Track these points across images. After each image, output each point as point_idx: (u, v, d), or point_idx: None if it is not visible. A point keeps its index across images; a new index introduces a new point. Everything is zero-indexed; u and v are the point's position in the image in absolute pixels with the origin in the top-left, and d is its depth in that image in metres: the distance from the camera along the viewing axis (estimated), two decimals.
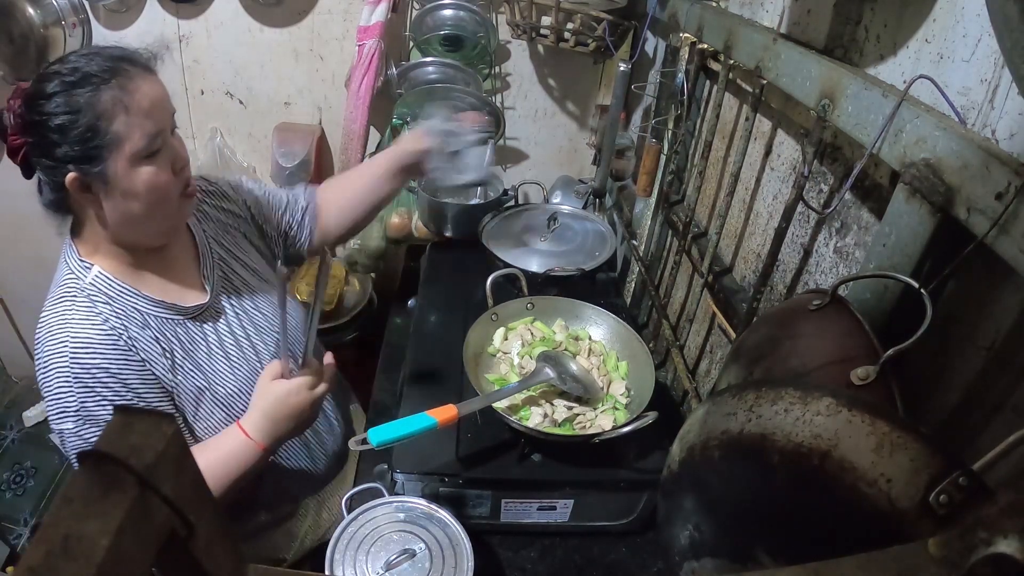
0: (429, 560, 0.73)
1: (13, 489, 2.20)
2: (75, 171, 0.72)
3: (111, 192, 0.75)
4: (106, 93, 0.71)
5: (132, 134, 0.72)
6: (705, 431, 0.52)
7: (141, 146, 0.73)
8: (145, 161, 0.75)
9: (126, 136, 0.72)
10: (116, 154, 0.72)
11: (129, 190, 0.75)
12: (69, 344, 0.75)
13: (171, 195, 0.79)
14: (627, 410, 0.94)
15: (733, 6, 1.11)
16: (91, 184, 0.74)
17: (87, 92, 0.71)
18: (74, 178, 0.72)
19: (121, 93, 0.72)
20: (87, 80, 0.71)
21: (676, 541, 0.57)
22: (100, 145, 0.71)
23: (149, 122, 0.74)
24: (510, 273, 1.14)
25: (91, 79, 0.71)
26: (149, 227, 0.80)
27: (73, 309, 0.77)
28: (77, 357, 0.75)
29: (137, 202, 0.76)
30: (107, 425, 0.27)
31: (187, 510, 0.27)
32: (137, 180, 0.75)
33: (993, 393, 0.54)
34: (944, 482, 0.36)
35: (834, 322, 0.57)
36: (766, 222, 0.97)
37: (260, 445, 0.80)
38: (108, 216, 0.76)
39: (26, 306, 2.38)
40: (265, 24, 1.75)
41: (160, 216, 0.79)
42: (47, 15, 1.65)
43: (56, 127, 0.70)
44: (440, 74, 1.70)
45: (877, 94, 0.61)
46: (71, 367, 0.75)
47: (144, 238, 0.81)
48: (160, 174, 0.76)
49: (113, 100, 0.71)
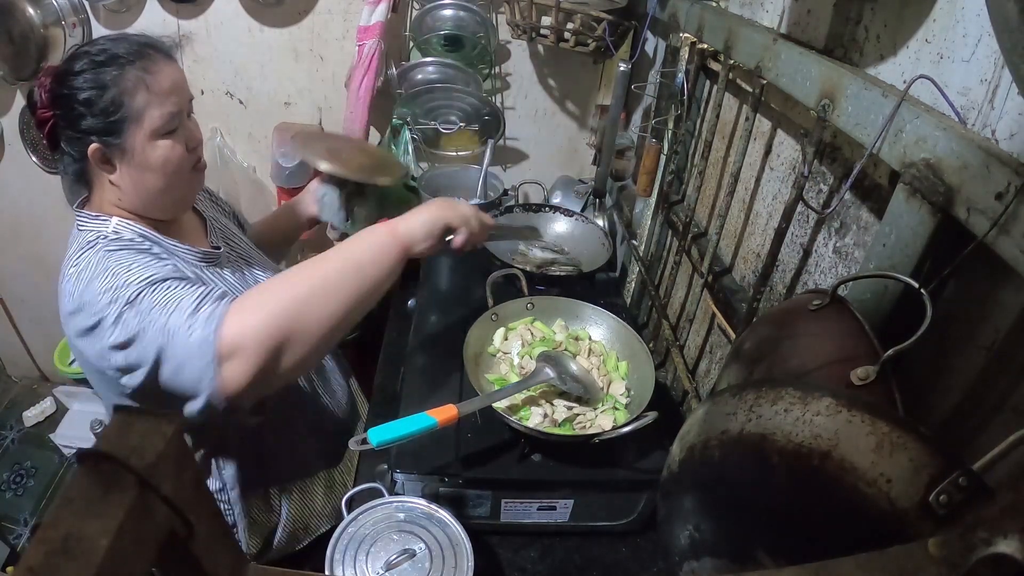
0: (429, 560, 0.73)
1: (13, 489, 2.20)
2: (98, 142, 0.78)
3: (129, 164, 0.81)
4: (130, 72, 0.78)
5: (152, 111, 0.79)
6: (705, 431, 0.52)
7: (159, 124, 0.80)
8: (162, 137, 0.81)
9: (146, 113, 0.79)
10: (136, 128, 0.79)
11: (146, 163, 0.81)
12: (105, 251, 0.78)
13: (184, 169, 0.85)
14: (627, 410, 0.94)
15: (733, 6, 1.11)
16: (111, 156, 0.80)
17: (113, 70, 0.77)
18: (96, 149, 0.79)
19: (144, 74, 0.78)
20: (114, 60, 0.77)
21: (676, 541, 0.57)
22: (122, 119, 0.78)
23: (168, 102, 0.80)
24: (510, 273, 1.14)
25: (118, 59, 0.77)
26: (163, 199, 0.85)
27: (101, 243, 0.80)
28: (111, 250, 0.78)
29: (153, 174, 0.82)
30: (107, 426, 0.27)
31: (187, 510, 0.27)
32: (154, 154, 0.81)
33: (993, 393, 0.54)
34: (944, 482, 0.37)
35: (834, 322, 0.57)
36: (766, 222, 0.97)
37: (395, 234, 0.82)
38: (125, 187, 0.82)
39: (26, 306, 2.38)
40: (265, 24, 1.75)
41: (173, 188, 0.85)
42: (47, 15, 1.65)
43: (83, 100, 0.77)
44: (440, 74, 1.70)
45: (877, 94, 0.61)
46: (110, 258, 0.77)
47: (158, 210, 0.87)
48: (176, 148, 0.83)
49: (136, 79, 0.78)
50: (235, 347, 0.71)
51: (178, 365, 0.72)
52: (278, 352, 0.72)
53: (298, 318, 0.73)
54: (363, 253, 0.81)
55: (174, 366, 0.72)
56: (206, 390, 0.72)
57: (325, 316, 0.75)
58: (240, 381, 0.72)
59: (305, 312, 0.74)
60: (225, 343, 0.71)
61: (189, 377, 0.72)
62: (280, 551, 1.05)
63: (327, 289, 0.76)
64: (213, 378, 0.71)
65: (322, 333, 0.75)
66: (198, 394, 0.73)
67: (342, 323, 0.77)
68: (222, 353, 0.71)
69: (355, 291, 0.77)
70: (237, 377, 0.72)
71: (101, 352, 0.74)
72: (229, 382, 0.72)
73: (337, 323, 0.76)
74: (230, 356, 0.71)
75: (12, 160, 1.99)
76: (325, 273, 0.77)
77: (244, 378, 0.72)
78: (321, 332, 0.75)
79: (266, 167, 1.92)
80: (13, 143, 1.96)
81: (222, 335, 0.71)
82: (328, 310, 0.75)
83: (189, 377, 0.72)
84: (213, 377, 0.71)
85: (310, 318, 0.74)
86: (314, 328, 0.74)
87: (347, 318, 0.78)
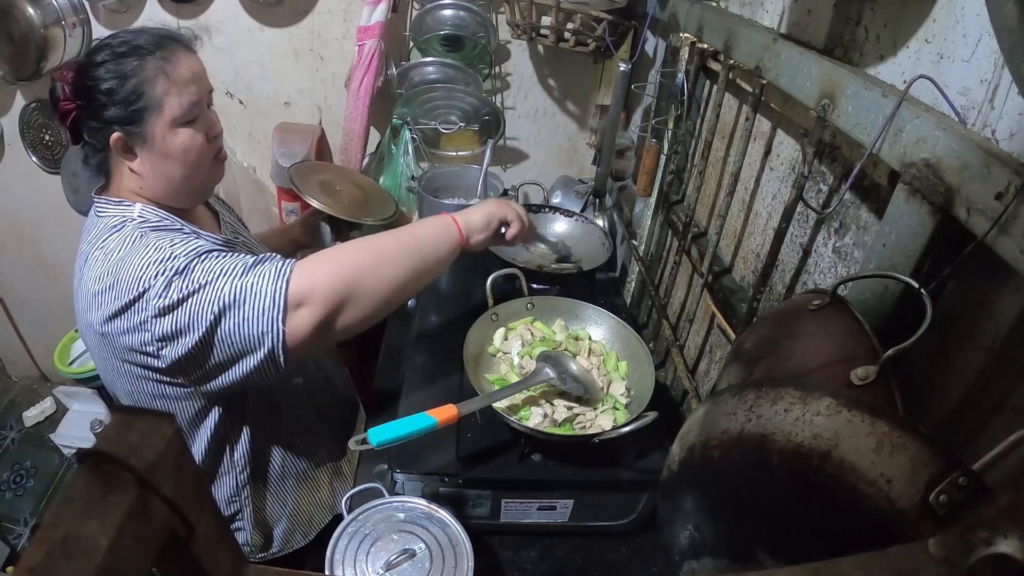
0: (429, 560, 0.73)
1: (13, 489, 2.20)
2: (119, 131, 0.80)
3: (151, 152, 0.82)
4: (151, 62, 0.80)
5: (172, 100, 0.81)
6: (705, 431, 0.52)
7: (179, 113, 0.82)
8: (183, 126, 0.83)
9: (166, 101, 0.81)
10: (157, 117, 0.81)
11: (167, 151, 0.83)
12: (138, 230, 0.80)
13: (205, 158, 0.87)
14: (627, 410, 0.94)
15: (733, 6, 1.11)
16: (133, 144, 0.82)
17: (134, 60, 0.79)
18: (118, 138, 0.80)
19: (164, 64, 0.80)
20: (135, 51, 0.79)
21: (676, 541, 0.57)
22: (143, 107, 0.80)
23: (188, 91, 0.82)
24: (510, 273, 1.14)
25: (138, 50, 0.80)
26: (184, 186, 0.87)
27: (128, 225, 0.81)
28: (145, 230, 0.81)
29: (174, 162, 0.84)
30: (107, 426, 0.27)
31: (187, 510, 0.27)
32: (175, 141, 0.83)
33: (993, 393, 0.54)
34: (944, 482, 0.37)
35: (834, 322, 0.57)
36: (765, 222, 0.97)
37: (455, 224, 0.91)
38: (146, 175, 0.84)
39: (26, 306, 2.38)
40: (265, 24, 1.75)
41: (194, 176, 0.87)
42: (47, 15, 1.65)
43: (105, 91, 0.79)
44: (440, 74, 1.70)
45: (877, 94, 0.61)
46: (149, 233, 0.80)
47: (178, 198, 0.88)
48: (196, 137, 0.85)
49: (156, 68, 0.80)
50: (305, 296, 0.76)
51: (244, 317, 0.75)
52: (340, 306, 0.79)
53: (361, 279, 0.80)
54: (425, 234, 0.89)
55: (239, 320, 0.75)
56: (270, 340, 0.76)
57: (384, 282, 0.82)
58: (305, 330, 0.77)
59: (368, 274, 0.81)
60: (295, 292, 0.76)
61: (255, 328, 0.75)
62: (283, 545, 1.06)
63: (390, 257, 0.84)
64: (281, 327, 0.75)
65: (379, 297, 0.82)
66: (260, 346, 0.76)
67: (398, 292, 0.84)
68: (292, 301, 0.76)
69: (412, 266, 0.85)
70: (303, 326, 0.77)
71: (139, 324, 0.75)
72: (294, 331, 0.76)
73: (394, 291, 0.83)
74: (299, 305, 0.76)
75: (12, 160, 1.99)
76: (387, 247, 0.85)
77: (309, 327, 0.77)
78: (379, 296, 0.82)
79: (266, 167, 1.92)
80: (13, 143, 1.96)
81: (293, 284, 0.76)
82: (387, 277, 0.82)
83: (255, 328, 0.75)
84: (281, 326, 0.75)
85: (371, 280, 0.81)
86: (373, 291, 0.81)
87: (402, 289, 0.85)
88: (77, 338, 1.89)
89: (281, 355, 0.77)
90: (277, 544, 1.05)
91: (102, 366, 0.86)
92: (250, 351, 0.77)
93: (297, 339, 0.77)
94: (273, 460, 1.01)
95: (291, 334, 0.76)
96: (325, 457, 1.10)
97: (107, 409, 2.10)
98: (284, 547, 1.06)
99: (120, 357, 0.80)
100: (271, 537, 1.04)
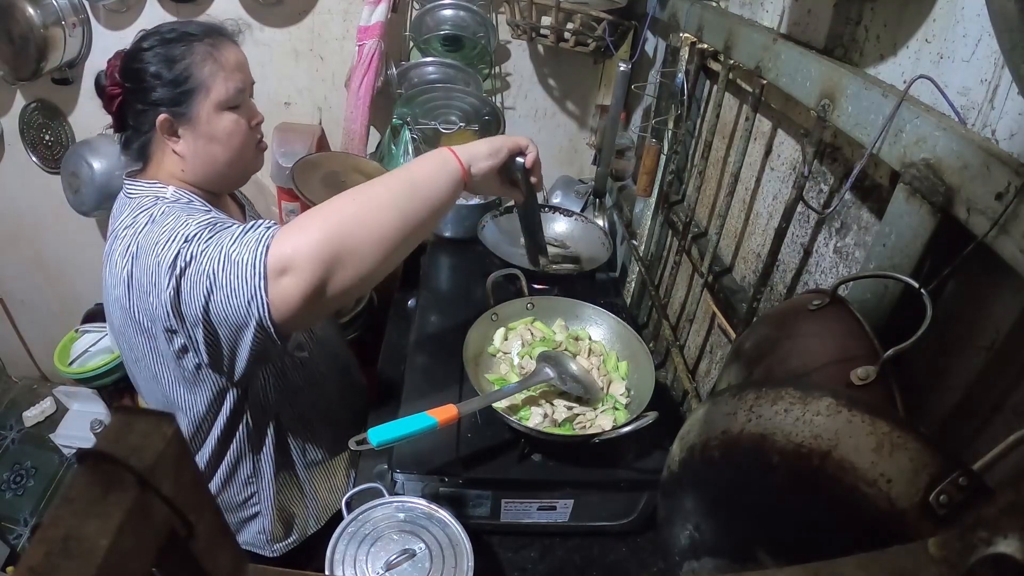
0: (429, 560, 0.73)
1: (13, 489, 2.20)
2: (166, 112, 0.82)
3: (196, 133, 0.85)
4: (199, 47, 0.82)
5: (218, 84, 0.83)
6: (705, 431, 0.52)
7: (225, 96, 0.84)
8: (228, 110, 0.85)
9: (213, 84, 0.83)
10: (203, 99, 0.83)
11: (212, 133, 0.85)
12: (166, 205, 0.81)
13: (247, 144, 0.90)
14: (627, 410, 0.94)
15: (733, 6, 1.11)
16: (179, 126, 0.84)
17: (182, 45, 0.82)
18: (165, 119, 0.82)
19: (212, 49, 0.83)
20: (183, 37, 0.82)
21: (676, 541, 0.57)
22: (190, 89, 0.82)
23: (234, 77, 0.85)
24: (510, 273, 1.14)
25: (187, 36, 0.83)
26: (226, 170, 0.89)
27: (165, 204, 0.82)
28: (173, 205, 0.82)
29: (219, 146, 0.86)
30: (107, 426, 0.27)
31: (187, 510, 0.27)
32: (220, 125, 0.85)
33: (993, 393, 0.54)
34: (944, 482, 0.36)
35: (834, 322, 0.57)
36: (766, 222, 0.97)
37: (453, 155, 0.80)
38: (189, 157, 0.86)
39: (26, 306, 2.38)
40: (265, 24, 1.75)
41: (237, 162, 0.90)
42: (47, 15, 1.65)
43: (153, 73, 0.81)
44: (440, 74, 1.70)
45: (877, 94, 0.61)
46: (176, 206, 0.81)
47: (218, 181, 0.90)
48: (240, 123, 0.87)
49: (204, 53, 0.83)
50: (286, 263, 0.70)
51: (231, 288, 0.71)
52: (331, 269, 0.71)
53: (351, 234, 0.71)
54: (417, 170, 0.79)
55: (227, 291, 0.71)
56: (256, 311, 0.71)
57: (377, 233, 0.73)
58: (293, 299, 0.71)
59: (358, 228, 0.72)
60: (275, 259, 0.70)
61: (241, 299, 0.71)
62: (302, 532, 1.08)
63: (379, 206, 0.74)
64: (264, 297, 0.70)
65: (375, 252, 0.73)
66: (250, 317, 0.72)
67: (395, 244, 0.75)
68: (273, 270, 0.70)
69: (408, 209, 0.75)
70: (290, 294, 0.70)
71: (157, 295, 0.74)
72: (281, 300, 0.71)
73: (391, 243, 0.74)
74: (281, 273, 0.70)
75: (12, 160, 1.99)
76: (376, 191, 0.75)
77: (297, 295, 0.70)
78: (373, 250, 0.73)
79: (266, 167, 1.91)
80: (13, 143, 1.96)
81: (273, 252, 0.70)
82: (381, 227, 0.73)
83: (241, 299, 0.71)
84: (264, 296, 0.70)
85: (363, 234, 0.72)
86: (366, 245, 0.72)
87: (401, 239, 0.75)
88: (77, 338, 1.89)
89: (271, 326, 0.72)
90: (297, 531, 1.07)
91: (125, 347, 0.86)
92: (243, 324, 0.73)
93: (286, 309, 0.71)
94: (292, 442, 1.02)
95: (277, 303, 0.71)
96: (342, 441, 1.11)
97: (107, 409, 2.10)
98: (302, 534, 1.08)
99: (141, 330, 0.80)
100: (291, 521, 1.06)
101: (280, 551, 1.06)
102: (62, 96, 1.89)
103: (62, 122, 1.93)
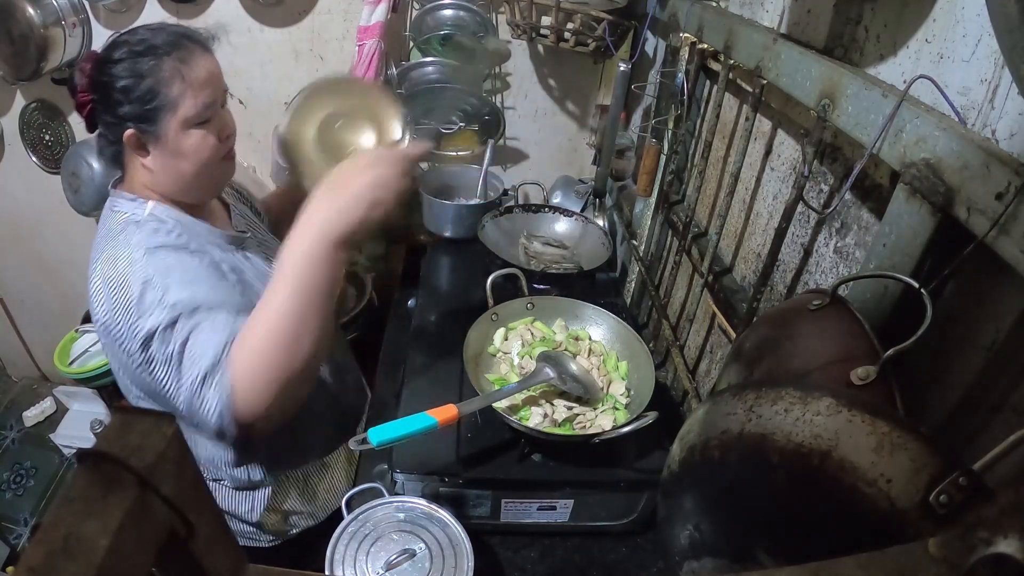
0: (429, 560, 0.73)
1: (13, 489, 2.20)
2: (133, 128, 0.81)
3: (163, 150, 0.84)
4: (167, 63, 0.80)
5: (186, 101, 0.81)
6: (705, 431, 0.52)
7: (193, 113, 0.82)
8: (196, 127, 0.84)
9: (181, 102, 0.81)
10: (170, 116, 0.81)
11: (179, 150, 0.84)
12: (145, 248, 0.79)
13: (215, 158, 0.88)
14: (627, 410, 0.94)
15: (733, 6, 1.11)
16: (146, 142, 0.83)
17: (150, 60, 0.80)
18: (131, 134, 0.82)
19: (180, 64, 0.81)
20: (152, 51, 0.80)
21: (676, 541, 0.57)
22: (157, 107, 0.80)
23: (202, 93, 0.83)
24: (510, 273, 1.14)
25: (155, 50, 0.80)
26: (194, 183, 0.88)
27: (139, 232, 0.82)
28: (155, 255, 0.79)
29: (185, 161, 0.85)
30: (107, 426, 0.27)
31: (187, 510, 0.27)
32: (187, 142, 0.84)
33: (993, 393, 0.54)
34: (944, 482, 0.37)
35: (834, 322, 0.57)
36: (766, 222, 0.97)
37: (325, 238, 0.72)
38: (157, 171, 0.85)
39: (26, 306, 2.38)
40: (265, 24, 1.75)
41: (204, 175, 0.88)
42: (47, 15, 1.65)
43: (120, 88, 0.79)
44: (440, 74, 1.70)
45: (877, 94, 0.61)
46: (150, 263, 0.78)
47: (188, 194, 0.89)
48: (208, 138, 0.85)
49: (173, 69, 0.80)
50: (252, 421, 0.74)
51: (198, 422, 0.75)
52: (285, 396, 0.75)
53: (288, 365, 0.73)
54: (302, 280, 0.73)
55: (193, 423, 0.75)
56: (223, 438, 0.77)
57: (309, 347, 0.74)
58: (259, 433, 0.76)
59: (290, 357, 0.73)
60: (242, 421, 0.73)
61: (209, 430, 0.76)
62: (299, 529, 1.09)
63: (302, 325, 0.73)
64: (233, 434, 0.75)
65: (312, 359, 0.76)
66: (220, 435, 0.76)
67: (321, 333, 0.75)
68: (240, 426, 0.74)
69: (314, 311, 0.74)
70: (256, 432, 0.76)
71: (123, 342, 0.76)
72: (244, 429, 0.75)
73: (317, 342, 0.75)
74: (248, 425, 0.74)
75: (12, 160, 1.99)
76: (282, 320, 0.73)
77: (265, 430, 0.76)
78: (311, 360, 0.76)
79: (266, 167, 1.92)
80: (13, 143, 1.96)
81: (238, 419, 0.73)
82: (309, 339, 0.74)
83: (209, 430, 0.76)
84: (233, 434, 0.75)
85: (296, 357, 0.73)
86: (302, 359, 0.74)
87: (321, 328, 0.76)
88: (77, 338, 1.89)
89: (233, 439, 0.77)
90: (294, 529, 1.08)
91: (108, 356, 0.88)
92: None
93: (251, 435, 0.76)
94: (291, 442, 1.02)
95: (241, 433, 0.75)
96: (342, 441, 1.12)
97: (107, 409, 2.09)
98: (299, 532, 1.09)
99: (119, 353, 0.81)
100: (288, 519, 1.06)
101: (275, 543, 1.07)
102: (62, 96, 1.88)
103: (62, 122, 1.93)
